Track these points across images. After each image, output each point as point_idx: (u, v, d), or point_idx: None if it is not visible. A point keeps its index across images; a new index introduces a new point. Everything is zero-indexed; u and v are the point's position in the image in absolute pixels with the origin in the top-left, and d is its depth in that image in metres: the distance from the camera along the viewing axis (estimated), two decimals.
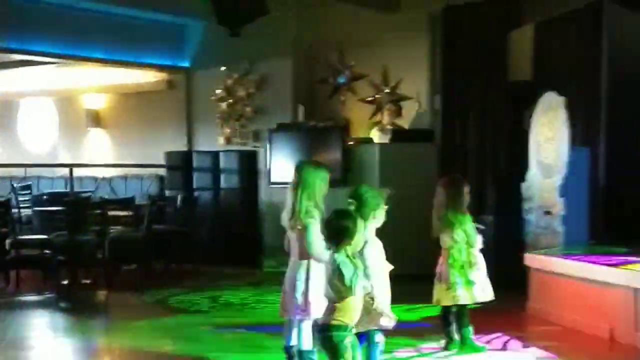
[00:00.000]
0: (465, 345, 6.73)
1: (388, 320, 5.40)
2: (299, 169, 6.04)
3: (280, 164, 11.65)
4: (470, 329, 6.79)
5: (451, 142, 11.02)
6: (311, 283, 5.84)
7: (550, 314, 7.89)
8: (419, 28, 11.66)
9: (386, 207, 5.54)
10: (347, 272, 4.56)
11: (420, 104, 11.64)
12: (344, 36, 12.22)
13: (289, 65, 12.63)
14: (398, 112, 11.66)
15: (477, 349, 6.72)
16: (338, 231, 4.71)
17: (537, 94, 9.60)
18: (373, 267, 5.33)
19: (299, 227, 5.85)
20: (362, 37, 12.05)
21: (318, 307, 5.84)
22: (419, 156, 10.84)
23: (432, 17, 11.53)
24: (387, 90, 11.89)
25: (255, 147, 12.67)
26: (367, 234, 5.36)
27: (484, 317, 7.20)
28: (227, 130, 13.03)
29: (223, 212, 12.36)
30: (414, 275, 7.33)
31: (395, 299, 5.58)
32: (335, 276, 4.60)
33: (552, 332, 7.45)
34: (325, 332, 4.62)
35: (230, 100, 12.97)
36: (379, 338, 5.53)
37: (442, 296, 6.75)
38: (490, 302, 6.85)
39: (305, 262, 5.88)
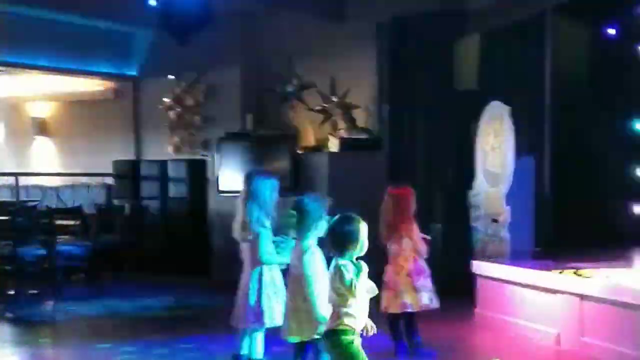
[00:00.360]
0: (414, 351, 6.80)
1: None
2: (248, 179, 6.08)
3: (229, 173, 11.63)
4: (419, 335, 6.87)
5: (399, 150, 11.09)
6: (264, 292, 5.88)
7: (497, 321, 8.00)
8: (366, 37, 11.71)
9: (328, 217, 5.56)
10: (348, 273, 4.56)
11: (369, 113, 11.72)
12: (292, 45, 12.25)
13: (237, 75, 12.62)
14: (352, 122, 11.69)
15: (425, 356, 6.79)
16: (343, 237, 4.68)
17: (483, 103, 9.71)
18: (315, 276, 5.37)
19: (251, 237, 5.88)
20: (310, 46, 12.09)
21: (271, 316, 5.90)
22: (368, 165, 10.91)
23: (379, 27, 11.61)
24: (335, 100, 11.94)
25: (203, 156, 12.64)
26: (309, 243, 5.42)
27: (432, 324, 7.28)
28: (176, 139, 12.98)
29: (172, 221, 12.34)
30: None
31: None
32: (337, 279, 4.59)
33: (499, 339, 7.55)
34: (332, 338, 4.63)
35: (179, 109, 12.92)
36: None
37: (390, 304, 6.81)
38: (438, 309, 6.94)
39: (257, 271, 5.93)
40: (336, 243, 4.68)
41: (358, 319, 4.61)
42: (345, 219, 4.73)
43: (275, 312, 5.92)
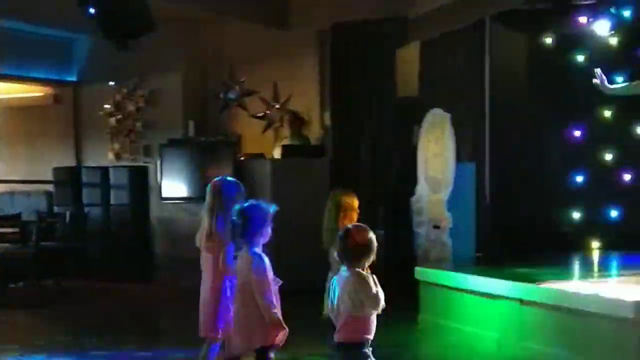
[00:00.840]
0: None
1: (283, 335, 5.47)
2: (214, 188, 6.11)
3: (171, 180, 11.60)
4: None
5: (342, 157, 11.18)
6: (223, 303, 5.91)
7: (440, 326, 8.09)
8: (308, 44, 11.80)
9: (272, 223, 5.59)
10: (374, 285, 4.67)
11: (311, 120, 11.79)
12: (234, 52, 12.27)
13: (179, 81, 12.58)
14: (295, 128, 11.74)
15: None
16: (359, 247, 4.73)
17: (424, 110, 9.83)
18: (266, 282, 5.39)
19: (215, 246, 5.93)
20: (252, 53, 12.13)
21: (230, 328, 5.94)
22: (311, 171, 10.97)
23: (321, 34, 11.68)
24: (277, 106, 11.98)
25: (145, 162, 12.57)
26: (256, 250, 5.45)
27: (376, 330, 7.33)
28: (117, 146, 12.88)
29: (114, 228, 12.25)
30: (306, 289, 7.36)
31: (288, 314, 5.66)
32: (360, 289, 4.65)
33: (442, 344, 7.64)
34: (353, 351, 4.69)
35: (120, 116, 12.83)
36: (272, 355, 5.57)
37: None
38: (381, 314, 6.99)
39: (219, 281, 5.96)
40: (352, 254, 4.71)
41: (374, 331, 4.72)
42: (359, 230, 4.79)
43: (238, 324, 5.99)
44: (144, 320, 9.30)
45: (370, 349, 4.73)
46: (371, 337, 4.71)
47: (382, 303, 4.71)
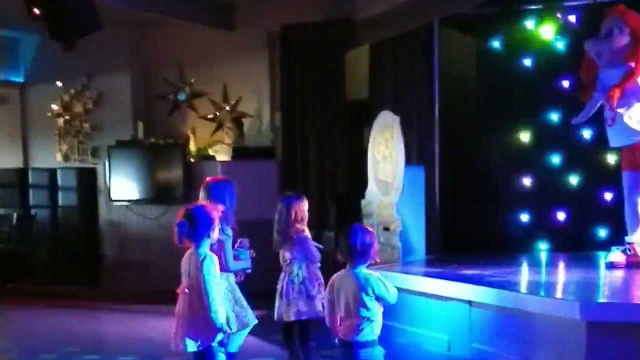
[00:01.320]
0: (308, 358, 6.87)
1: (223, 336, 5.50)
2: (207, 187, 6.27)
3: (120, 182, 11.51)
4: (313, 344, 6.94)
5: (292, 159, 11.18)
6: (226, 299, 6.04)
7: (390, 328, 8.10)
8: (258, 46, 11.79)
9: (220, 224, 5.61)
10: (389, 284, 4.87)
11: (261, 122, 11.78)
12: (183, 53, 12.20)
13: (127, 81, 12.46)
14: (240, 130, 11.72)
15: None
16: (365, 247, 4.85)
17: (373, 112, 9.87)
18: (214, 283, 5.40)
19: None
20: (202, 54, 12.08)
21: (233, 322, 6.08)
22: (261, 173, 10.98)
23: (271, 36, 11.67)
24: (227, 108, 11.96)
25: (94, 164, 12.43)
26: (205, 251, 5.47)
27: (325, 332, 7.34)
28: (65, 147, 12.72)
29: (62, 230, 12.11)
30: (258, 291, 7.33)
31: None
32: (377, 288, 4.81)
33: (392, 346, 7.68)
34: (369, 349, 4.83)
35: (67, 117, 12.67)
36: (222, 357, 5.57)
37: (284, 312, 6.86)
38: None
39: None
40: (359, 253, 4.85)
41: (379, 328, 4.89)
42: (362, 230, 4.93)
43: (236, 317, 6.21)
44: (90, 324, 9.21)
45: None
46: (377, 335, 4.90)
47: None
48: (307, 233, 6.94)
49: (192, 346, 5.51)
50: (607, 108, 7.79)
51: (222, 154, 11.63)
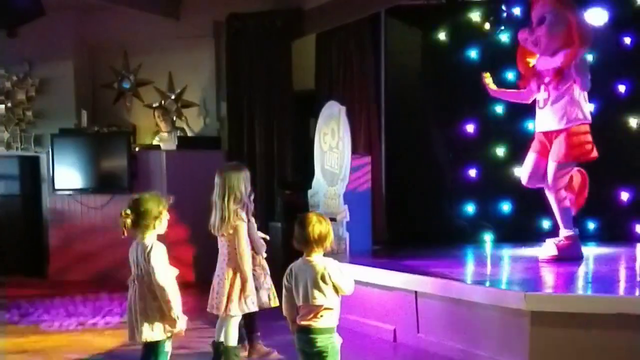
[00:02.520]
0: (253, 349, 6.86)
1: (182, 325, 5.45)
2: (221, 174, 6.35)
3: (64, 170, 11.36)
4: (258, 334, 6.94)
5: (238, 149, 11.14)
6: (237, 283, 6.25)
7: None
8: (203, 34, 11.72)
9: (168, 214, 5.56)
10: (345, 272, 4.90)
11: (207, 111, 11.72)
12: (128, 40, 12.09)
13: (71, 69, 12.29)
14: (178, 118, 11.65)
15: (265, 353, 6.87)
16: (322, 235, 4.88)
17: (320, 102, 9.87)
18: (163, 273, 5.36)
19: (230, 231, 6.24)
20: (147, 42, 11.98)
21: (243, 306, 6.30)
22: (206, 163, 10.82)
23: (217, 24, 11.61)
24: (172, 97, 11.87)
25: (37, 152, 12.25)
26: (152, 241, 5.42)
27: (271, 323, 7.36)
28: (7, 135, 12.50)
29: (4, 219, 11.89)
30: (198, 282, 7.34)
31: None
32: (325, 279, 4.83)
33: (340, 333, 7.70)
34: (327, 335, 4.88)
35: (9, 104, 12.46)
36: (169, 347, 5.53)
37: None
38: (277, 308, 7.01)
39: (233, 262, 6.28)
40: (316, 242, 4.87)
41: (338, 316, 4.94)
42: (320, 217, 4.96)
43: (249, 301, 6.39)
44: (34, 314, 9.08)
45: None
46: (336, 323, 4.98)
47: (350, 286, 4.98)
48: (254, 224, 6.92)
49: (144, 337, 5.47)
50: (542, 90, 7.87)
51: (167, 144, 11.52)
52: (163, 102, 11.88)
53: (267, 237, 7.05)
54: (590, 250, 8.79)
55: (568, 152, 7.70)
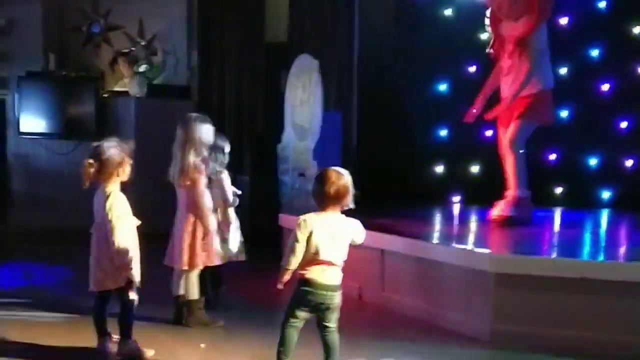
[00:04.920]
0: (218, 304, 6.84)
1: (136, 276, 5.43)
2: (184, 125, 6.24)
3: (30, 114, 11.19)
4: (224, 287, 6.91)
5: (208, 100, 11.05)
6: (196, 235, 6.20)
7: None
8: None
9: (131, 161, 5.49)
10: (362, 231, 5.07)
11: (178, 60, 11.57)
12: None
13: (38, 10, 12.01)
14: (160, 67, 11.49)
15: (230, 308, 6.85)
16: (337, 192, 4.85)
17: (292, 55, 9.78)
18: (121, 222, 5.33)
19: (188, 183, 6.16)
20: None
21: (203, 258, 6.24)
22: (176, 112, 10.67)
23: None
24: (143, 43, 11.70)
25: (2, 95, 12.02)
26: (112, 188, 5.37)
27: (239, 277, 7.34)
28: None
29: None
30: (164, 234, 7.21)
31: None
32: (345, 236, 4.96)
33: None
34: (337, 292, 4.96)
35: None
36: (133, 295, 5.49)
37: None
38: (245, 261, 7.00)
39: (192, 215, 6.20)
40: (334, 199, 4.87)
41: None
42: (339, 174, 4.93)
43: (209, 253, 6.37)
44: None
45: None
46: None
47: None
48: (226, 175, 6.87)
49: (97, 286, 5.45)
50: (505, 57, 7.85)
51: (135, 91, 11.36)
52: (133, 48, 11.69)
53: (239, 192, 7.00)
54: (557, 215, 8.84)
55: (527, 113, 7.74)
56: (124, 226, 5.37)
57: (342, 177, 4.92)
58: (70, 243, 8.41)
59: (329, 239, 4.85)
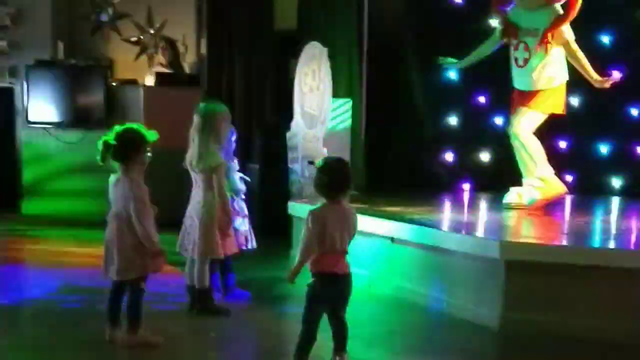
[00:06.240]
0: (229, 292, 6.83)
1: (161, 264, 5.43)
2: (201, 111, 6.22)
3: (39, 103, 11.18)
4: (234, 275, 6.91)
5: (217, 88, 11.00)
6: (211, 224, 6.16)
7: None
8: None
9: (150, 148, 5.47)
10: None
11: (187, 48, 11.55)
12: None
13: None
14: (170, 56, 11.45)
15: (240, 297, 6.85)
16: (340, 179, 4.84)
17: (302, 43, 9.74)
18: (146, 210, 5.32)
19: (205, 170, 6.11)
20: None
21: (219, 247, 6.21)
22: (185, 101, 10.69)
23: None
24: (152, 32, 11.68)
25: (11, 83, 12.01)
26: (134, 176, 5.35)
27: (248, 266, 7.35)
28: None
29: None
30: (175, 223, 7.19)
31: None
32: (355, 225, 4.92)
33: None
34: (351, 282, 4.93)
35: None
36: (143, 285, 5.49)
37: None
38: (254, 250, 7.00)
39: (208, 203, 6.15)
40: (342, 188, 4.83)
41: None
42: (344, 165, 4.96)
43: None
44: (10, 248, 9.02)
45: None
46: None
47: None
48: (235, 163, 6.86)
49: (120, 275, 5.42)
50: (522, 48, 7.81)
51: (145, 80, 11.35)
52: (141, 37, 11.67)
53: (248, 179, 6.99)
54: (567, 202, 8.80)
55: (542, 103, 7.78)
56: (150, 213, 5.34)
57: (345, 167, 4.91)
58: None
59: (342, 229, 4.82)
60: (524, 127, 7.85)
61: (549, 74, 7.78)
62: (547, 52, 7.69)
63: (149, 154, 5.42)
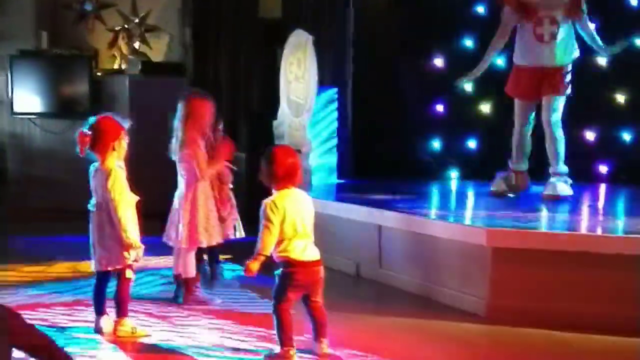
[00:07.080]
0: (215, 281, 6.83)
1: (136, 255, 5.41)
2: (184, 100, 6.25)
3: (23, 93, 11.11)
4: (222, 265, 6.90)
5: (203, 77, 10.97)
6: (196, 214, 6.20)
7: None
8: None
9: (127, 138, 5.46)
10: None
11: (172, 37, 11.49)
12: None
13: None
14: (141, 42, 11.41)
15: (227, 285, 6.84)
16: (287, 170, 4.90)
17: (287, 31, 9.70)
18: (122, 199, 5.30)
19: (187, 158, 6.14)
20: None
21: (202, 237, 6.22)
22: (170, 90, 10.62)
23: None
24: (136, 21, 11.60)
25: None
26: (112, 165, 5.33)
27: (236, 254, 7.32)
28: None
29: None
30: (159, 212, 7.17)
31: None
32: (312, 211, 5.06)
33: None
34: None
35: None
36: (130, 274, 5.48)
37: None
38: (242, 239, 6.97)
39: (190, 192, 6.18)
40: (284, 177, 4.92)
41: None
42: (287, 151, 5.07)
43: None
44: None
45: None
46: None
47: None
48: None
49: (100, 266, 5.42)
50: (547, 23, 7.74)
51: (129, 69, 11.29)
52: (126, 25, 11.60)
53: (235, 168, 6.97)
54: None
55: (567, 85, 7.81)
56: (127, 203, 5.33)
57: (290, 156, 4.90)
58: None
59: (302, 214, 4.90)
60: (559, 117, 7.86)
61: (574, 47, 7.82)
62: (580, 18, 7.65)
63: (125, 142, 5.41)
